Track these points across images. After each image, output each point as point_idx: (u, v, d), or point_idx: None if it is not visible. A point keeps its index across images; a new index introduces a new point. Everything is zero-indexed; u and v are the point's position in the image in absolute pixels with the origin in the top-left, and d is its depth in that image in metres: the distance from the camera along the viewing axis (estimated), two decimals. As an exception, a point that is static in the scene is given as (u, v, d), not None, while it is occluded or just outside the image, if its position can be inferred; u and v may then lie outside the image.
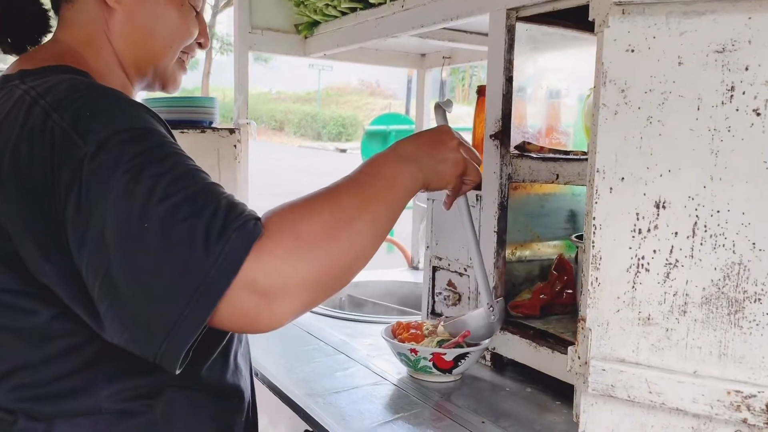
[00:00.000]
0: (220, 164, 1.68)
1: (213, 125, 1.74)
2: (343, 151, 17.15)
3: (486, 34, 1.65)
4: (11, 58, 0.87)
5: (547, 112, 1.37)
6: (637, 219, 0.72)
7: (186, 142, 1.66)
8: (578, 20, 1.26)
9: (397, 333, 1.25)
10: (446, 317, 1.33)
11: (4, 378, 0.74)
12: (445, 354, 1.16)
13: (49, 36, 0.90)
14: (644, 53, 0.71)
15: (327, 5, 1.67)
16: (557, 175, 1.14)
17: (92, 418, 0.74)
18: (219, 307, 0.63)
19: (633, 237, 0.72)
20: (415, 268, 2.19)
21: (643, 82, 0.71)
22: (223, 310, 0.63)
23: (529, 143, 1.26)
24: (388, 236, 2.81)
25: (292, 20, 1.85)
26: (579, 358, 0.79)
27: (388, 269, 2.24)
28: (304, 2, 1.75)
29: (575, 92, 1.44)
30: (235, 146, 1.69)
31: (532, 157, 1.19)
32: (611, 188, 0.73)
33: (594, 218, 0.74)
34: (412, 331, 1.24)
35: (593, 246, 0.74)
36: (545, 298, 1.28)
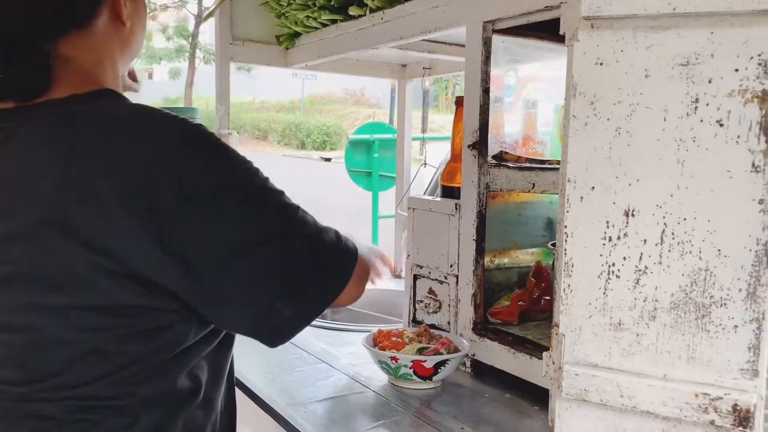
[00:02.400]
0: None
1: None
2: (328, 159, 17.17)
3: (463, 45, 1.69)
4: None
5: (523, 121, 1.40)
6: (608, 227, 0.74)
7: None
8: (552, 32, 1.28)
9: (378, 341, 1.26)
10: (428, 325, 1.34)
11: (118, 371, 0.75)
12: (425, 361, 1.17)
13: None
14: (612, 66, 0.73)
15: (308, 17, 1.68)
16: (533, 185, 1.16)
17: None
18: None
19: (604, 244, 0.74)
20: (398, 277, 2.20)
21: (612, 94, 0.73)
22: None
23: (506, 153, 1.28)
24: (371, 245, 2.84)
25: (273, 31, 1.87)
26: (553, 363, 0.80)
27: (371, 278, 2.24)
28: (285, 14, 1.77)
29: (551, 102, 1.47)
30: (216, 157, 1.69)
31: (508, 167, 1.22)
32: (582, 197, 0.75)
33: (566, 226, 0.76)
34: (394, 338, 1.26)
35: (565, 253, 0.76)
36: (523, 305, 1.30)
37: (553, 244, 1.22)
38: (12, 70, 0.77)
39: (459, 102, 1.39)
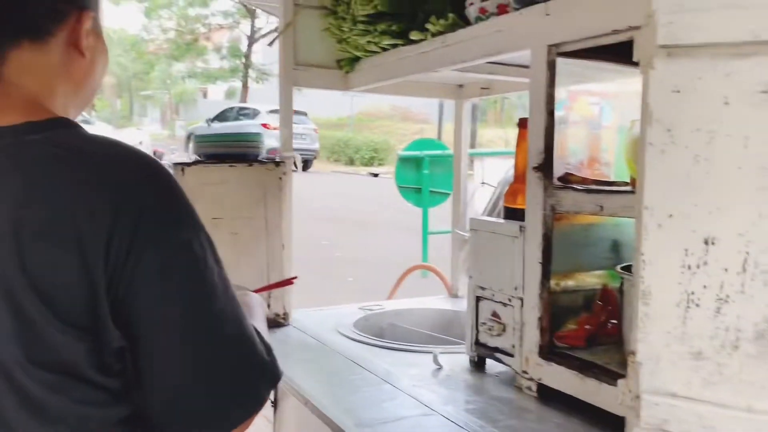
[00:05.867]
0: (267, 196, 1.73)
1: (259, 158, 1.80)
2: (376, 175, 17.27)
3: (525, 66, 1.69)
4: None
5: (588, 143, 1.39)
6: (686, 255, 0.73)
7: (234, 175, 1.72)
8: (618, 53, 1.28)
9: None
10: None
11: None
12: None
13: None
14: (690, 94, 0.73)
15: (369, 42, 1.72)
16: (601, 207, 1.15)
17: None
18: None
19: (682, 272, 0.74)
20: (455, 296, 2.20)
21: (690, 122, 0.73)
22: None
23: (571, 174, 1.28)
24: (424, 262, 2.83)
25: (334, 56, 1.91)
26: (630, 391, 0.80)
27: (427, 296, 2.26)
28: (346, 39, 1.81)
29: (615, 123, 1.46)
30: (280, 178, 1.74)
31: (575, 189, 1.21)
32: (659, 225, 0.75)
33: (642, 254, 0.76)
34: None
35: (642, 281, 0.76)
36: (590, 329, 1.28)
37: (623, 268, 1.21)
38: None
39: (522, 123, 1.39)
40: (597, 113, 1.49)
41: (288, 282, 1.32)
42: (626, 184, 1.32)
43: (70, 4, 0.81)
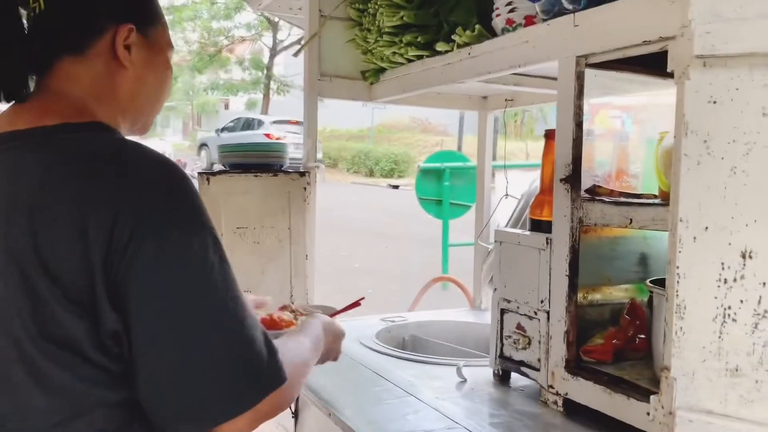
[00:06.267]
0: (291, 206, 1.73)
1: (283, 168, 1.80)
2: (396, 187, 17.25)
3: (551, 78, 1.68)
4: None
5: (615, 155, 1.37)
6: (723, 269, 0.72)
7: (259, 184, 1.73)
8: (646, 64, 1.27)
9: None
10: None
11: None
12: None
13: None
14: (727, 104, 0.72)
15: (394, 53, 1.72)
16: (630, 220, 1.14)
17: None
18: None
19: (718, 287, 0.72)
20: (478, 309, 2.18)
21: (726, 133, 0.72)
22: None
23: (599, 186, 1.27)
24: (445, 275, 2.81)
25: (359, 67, 1.92)
26: (663, 407, 0.78)
27: (449, 309, 2.24)
28: (371, 50, 1.81)
29: (643, 134, 1.44)
30: (305, 189, 1.75)
31: (604, 201, 1.20)
32: (695, 237, 0.74)
33: (677, 267, 0.74)
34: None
35: (677, 295, 0.74)
36: (618, 344, 1.26)
37: (653, 281, 1.19)
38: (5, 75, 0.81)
39: (549, 135, 1.38)
40: (620, 125, 1.47)
41: (356, 304, 1.35)
42: (654, 196, 1.30)
43: (107, 19, 0.86)
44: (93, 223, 0.72)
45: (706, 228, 0.73)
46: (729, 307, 0.71)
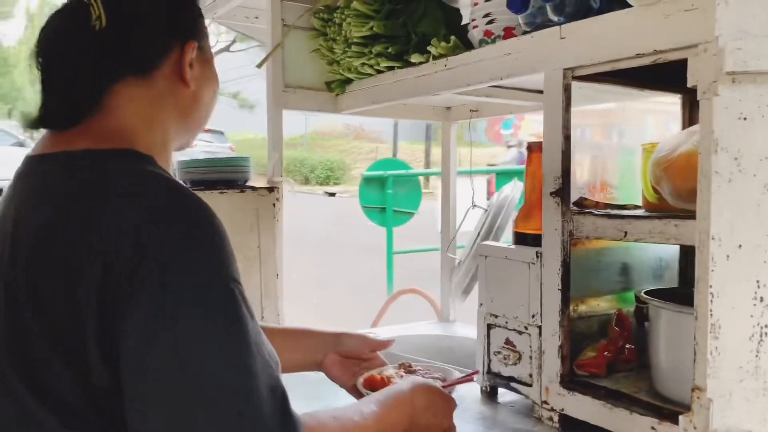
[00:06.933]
0: (260, 223, 1.66)
1: (248, 183, 1.73)
2: (332, 194, 17.19)
3: (526, 90, 1.68)
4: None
5: (598, 166, 1.38)
6: (758, 287, 0.71)
7: (225, 202, 1.65)
8: (629, 76, 1.27)
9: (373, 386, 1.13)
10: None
11: None
12: None
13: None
14: (758, 121, 0.71)
15: (363, 64, 1.68)
16: (625, 233, 1.13)
17: None
18: None
19: (755, 305, 0.71)
20: (446, 321, 2.16)
21: (758, 150, 0.71)
22: None
23: (585, 199, 1.26)
24: (415, 288, 2.80)
25: (324, 78, 1.86)
26: (695, 428, 0.77)
27: (416, 322, 2.21)
28: (338, 61, 1.76)
29: (620, 145, 1.45)
30: (274, 205, 1.67)
31: (594, 214, 1.19)
32: (728, 255, 0.73)
33: (710, 286, 0.73)
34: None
35: (711, 314, 0.73)
36: (609, 356, 1.26)
37: (648, 293, 1.20)
38: (60, 98, 0.76)
39: (531, 148, 1.37)
40: (580, 135, 1.48)
41: (469, 377, 1.25)
42: (636, 207, 1.31)
43: (174, 37, 0.82)
44: (87, 269, 0.66)
45: (740, 246, 0.72)
46: (766, 326, 0.71)
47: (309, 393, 1.36)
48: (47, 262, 0.68)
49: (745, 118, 0.72)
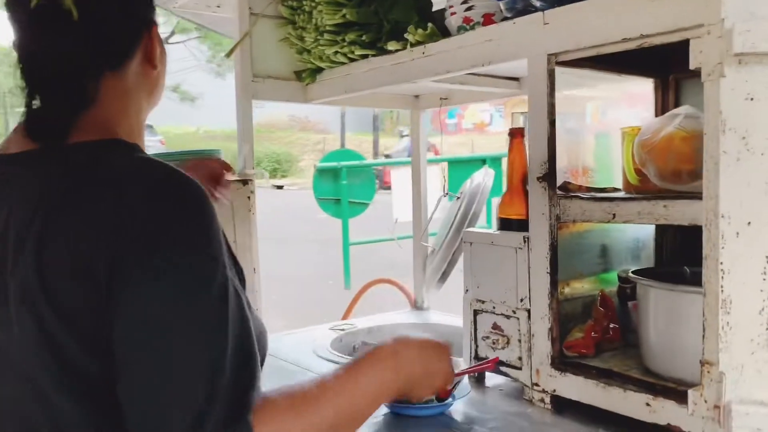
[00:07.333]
0: (235, 218, 1.62)
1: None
2: (280, 187, 17.00)
3: (500, 77, 1.69)
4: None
5: (580, 150, 1.39)
6: (767, 262, 0.74)
7: (199, 196, 1.60)
8: (608, 62, 1.29)
9: None
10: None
11: None
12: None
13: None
14: (764, 101, 0.73)
15: (336, 53, 1.65)
16: (614, 215, 1.15)
17: None
18: None
19: (764, 279, 0.74)
20: (420, 309, 2.17)
21: (766, 129, 0.73)
22: None
23: (569, 183, 1.28)
24: (387, 278, 2.80)
25: (293, 67, 1.83)
26: (705, 402, 0.79)
27: (390, 312, 2.21)
28: (308, 50, 1.73)
29: (594, 129, 1.48)
30: (248, 198, 1.64)
31: (581, 198, 1.21)
32: (738, 233, 0.75)
33: (721, 263, 0.75)
34: None
35: (722, 290, 0.75)
36: (597, 336, 1.29)
37: (635, 272, 1.22)
38: (49, 105, 0.76)
39: (514, 134, 1.38)
40: (488, 120, 1.50)
41: (488, 365, 1.23)
42: (616, 190, 1.34)
43: (141, 25, 0.83)
44: (79, 255, 0.68)
45: (749, 223, 0.74)
46: (776, 300, 0.73)
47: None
48: (55, 260, 0.68)
49: (752, 99, 0.74)
